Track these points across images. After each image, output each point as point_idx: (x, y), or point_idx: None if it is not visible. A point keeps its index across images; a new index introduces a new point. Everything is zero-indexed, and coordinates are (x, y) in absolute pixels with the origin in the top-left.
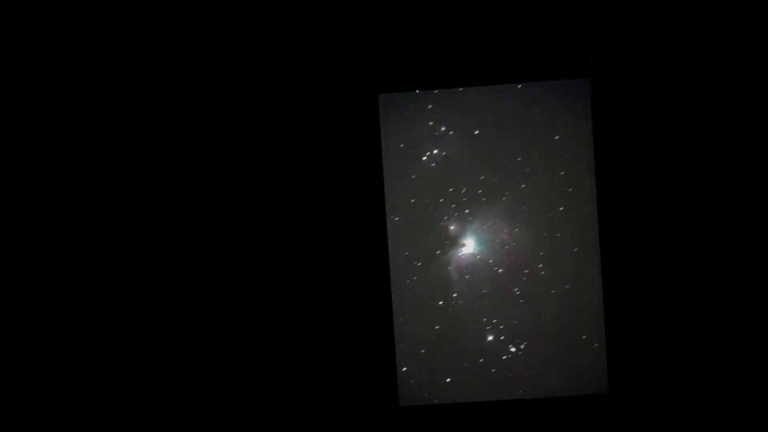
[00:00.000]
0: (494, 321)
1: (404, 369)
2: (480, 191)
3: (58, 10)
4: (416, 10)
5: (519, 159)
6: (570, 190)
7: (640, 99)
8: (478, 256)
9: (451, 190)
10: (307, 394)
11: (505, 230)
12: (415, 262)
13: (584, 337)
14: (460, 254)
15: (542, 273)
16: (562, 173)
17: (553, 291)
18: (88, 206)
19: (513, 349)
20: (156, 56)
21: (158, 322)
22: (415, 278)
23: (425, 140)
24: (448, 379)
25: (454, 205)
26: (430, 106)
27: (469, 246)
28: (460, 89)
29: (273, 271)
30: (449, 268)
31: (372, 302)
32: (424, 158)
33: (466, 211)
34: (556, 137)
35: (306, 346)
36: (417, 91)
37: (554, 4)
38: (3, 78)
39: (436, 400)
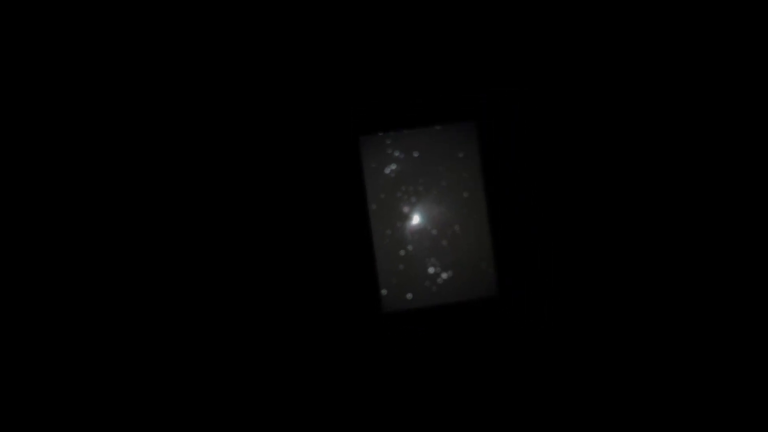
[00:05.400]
0: (432, 260)
1: (384, 292)
2: (420, 188)
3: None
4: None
5: (439, 168)
6: (470, 183)
7: (515, 135)
8: (422, 225)
9: (403, 188)
10: (304, 320)
11: (435, 209)
12: (386, 231)
13: (483, 265)
14: (412, 224)
15: (458, 231)
16: (465, 175)
17: (468, 242)
18: (87, 205)
19: (444, 276)
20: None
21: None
22: (386, 241)
23: (386, 160)
24: (409, 295)
25: (407, 197)
26: (388, 141)
27: (416, 219)
28: (405, 131)
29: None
30: (406, 232)
31: (359, 255)
32: (386, 171)
33: (413, 199)
34: (461, 155)
35: (306, 289)
36: (380, 133)
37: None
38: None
39: (404, 308)
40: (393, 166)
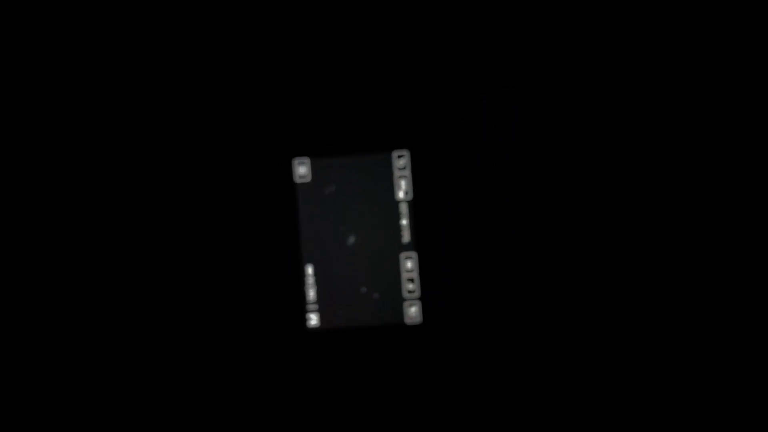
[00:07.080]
0: (365, 286)
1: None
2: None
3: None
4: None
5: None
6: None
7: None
8: (355, 244)
9: (337, 205)
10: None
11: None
12: (319, 248)
13: (410, 287)
14: (348, 243)
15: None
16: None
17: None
18: (85, 205)
19: (375, 296)
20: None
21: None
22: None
23: (326, 182)
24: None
25: (343, 215)
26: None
27: (351, 239)
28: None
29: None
30: (340, 250)
31: (289, 270)
32: (326, 191)
33: (353, 217)
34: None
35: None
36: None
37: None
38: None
39: (335, 326)
40: (332, 188)
